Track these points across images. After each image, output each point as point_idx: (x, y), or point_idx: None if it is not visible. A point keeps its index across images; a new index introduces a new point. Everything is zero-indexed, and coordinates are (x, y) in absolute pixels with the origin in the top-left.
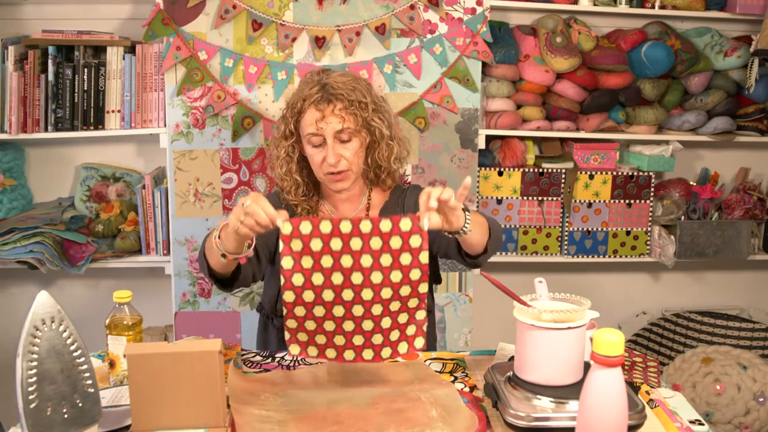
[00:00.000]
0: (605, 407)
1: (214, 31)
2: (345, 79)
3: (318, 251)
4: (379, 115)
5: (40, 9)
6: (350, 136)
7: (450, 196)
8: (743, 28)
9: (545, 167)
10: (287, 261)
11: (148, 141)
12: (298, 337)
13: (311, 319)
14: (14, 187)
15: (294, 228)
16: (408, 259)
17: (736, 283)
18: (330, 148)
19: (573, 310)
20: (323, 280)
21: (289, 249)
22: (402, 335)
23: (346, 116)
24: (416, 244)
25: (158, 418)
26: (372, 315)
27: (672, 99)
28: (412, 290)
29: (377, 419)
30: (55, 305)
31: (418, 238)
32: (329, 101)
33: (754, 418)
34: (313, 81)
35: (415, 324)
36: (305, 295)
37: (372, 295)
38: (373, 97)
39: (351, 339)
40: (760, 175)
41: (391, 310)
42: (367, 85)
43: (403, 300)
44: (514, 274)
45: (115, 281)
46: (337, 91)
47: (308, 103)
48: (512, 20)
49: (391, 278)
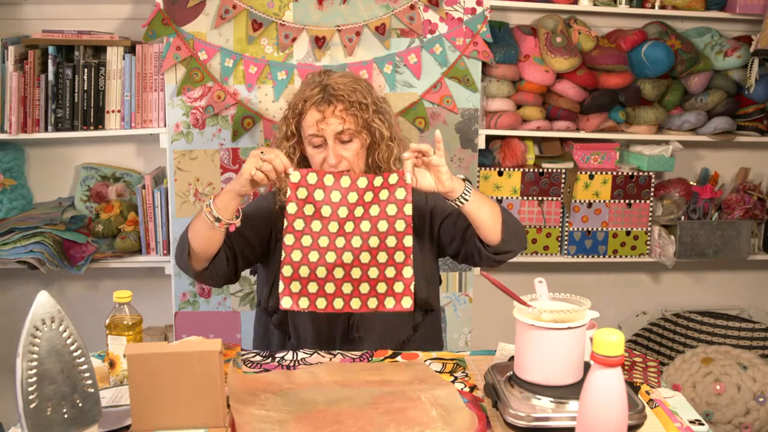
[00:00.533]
0: (605, 407)
1: (214, 31)
2: (346, 80)
3: (320, 200)
4: (380, 116)
5: (40, 9)
6: (351, 136)
7: (426, 148)
8: (743, 28)
9: (545, 167)
10: (292, 206)
11: (148, 141)
12: (291, 287)
13: (305, 265)
14: (14, 187)
15: (302, 177)
16: (393, 210)
17: (736, 283)
18: (331, 149)
19: (573, 310)
20: (321, 227)
21: (294, 196)
22: (389, 290)
23: (346, 117)
24: (401, 196)
25: (158, 418)
26: (360, 263)
27: (672, 99)
28: (397, 242)
29: (377, 419)
30: (55, 305)
31: (403, 191)
32: (330, 102)
33: (754, 418)
34: (314, 82)
35: (403, 282)
36: (303, 240)
37: (361, 242)
38: (374, 98)
39: (340, 287)
40: (760, 175)
41: (378, 261)
42: (368, 85)
43: (389, 252)
44: (514, 274)
45: (115, 281)
46: (338, 92)
47: (309, 104)
48: (512, 20)
49: (378, 227)
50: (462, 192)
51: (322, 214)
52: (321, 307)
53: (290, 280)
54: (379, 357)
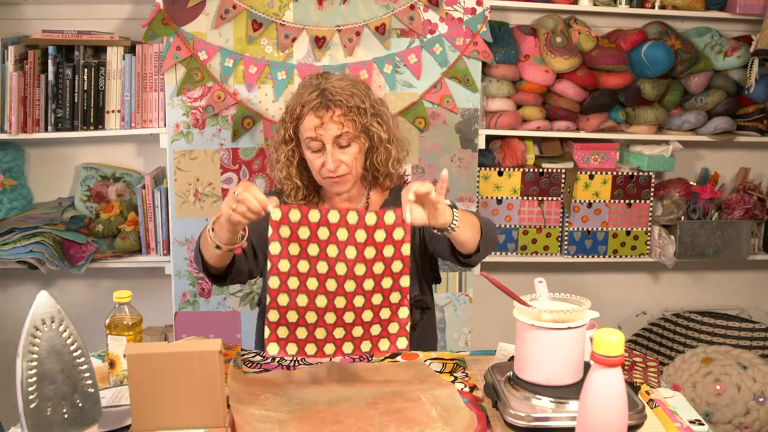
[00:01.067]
0: (605, 407)
1: (214, 31)
2: (344, 84)
3: (305, 239)
4: (378, 119)
5: (40, 9)
6: (349, 141)
7: (428, 189)
8: (743, 28)
9: (545, 167)
10: (274, 246)
11: (148, 141)
12: (278, 333)
13: (294, 309)
14: (14, 187)
15: (284, 214)
16: (390, 251)
17: (736, 283)
18: (329, 153)
19: (573, 310)
20: (308, 268)
21: (277, 235)
22: (383, 331)
23: (344, 122)
24: (399, 237)
25: (158, 418)
26: (354, 307)
27: (672, 99)
28: (393, 282)
29: (377, 419)
30: (55, 305)
31: (401, 231)
32: (328, 107)
33: (754, 418)
34: (311, 85)
35: (398, 322)
36: (290, 282)
37: (354, 286)
38: (372, 101)
39: (332, 332)
40: (760, 175)
41: (373, 303)
42: (366, 88)
43: (384, 293)
44: (514, 274)
45: (115, 281)
46: (336, 97)
47: (307, 108)
48: (512, 20)
49: (374, 270)
50: (451, 222)
51: (309, 254)
52: (311, 353)
53: (276, 325)
54: (379, 357)
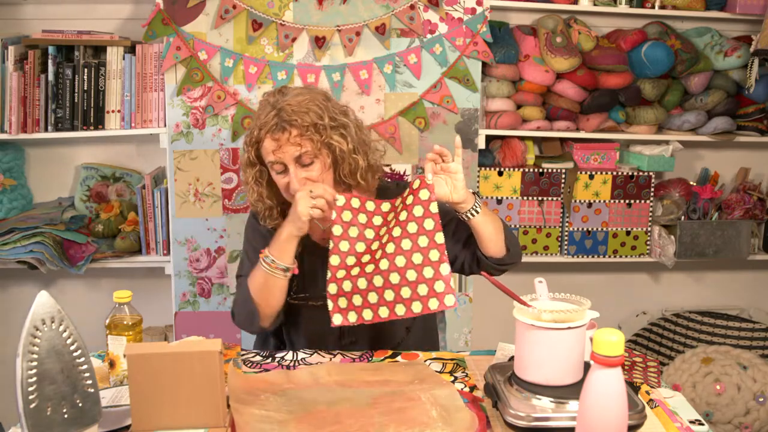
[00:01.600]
0: (605, 407)
1: (214, 31)
2: (299, 100)
3: (363, 223)
4: (339, 132)
5: (40, 9)
6: (311, 159)
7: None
8: (743, 28)
9: (545, 167)
10: (337, 228)
11: (148, 141)
12: (339, 303)
13: (348, 279)
14: (14, 187)
15: (347, 201)
16: (420, 211)
17: (736, 283)
18: (293, 174)
19: (573, 310)
20: (365, 248)
21: (339, 218)
22: (430, 291)
23: (302, 141)
24: (425, 197)
25: (158, 418)
26: (397, 266)
27: (672, 99)
28: (429, 240)
29: (377, 419)
30: (55, 305)
31: (426, 192)
32: (284, 129)
33: (754, 418)
34: (268, 105)
35: (442, 280)
36: (348, 260)
37: (394, 247)
38: (331, 114)
39: (383, 295)
40: (760, 175)
41: (414, 262)
42: (325, 99)
43: (423, 252)
44: (514, 274)
45: (115, 281)
46: (291, 117)
47: (264, 131)
48: (512, 20)
49: (408, 230)
50: (473, 205)
51: (365, 236)
52: (368, 318)
53: (336, 297)
54: (379, 357)
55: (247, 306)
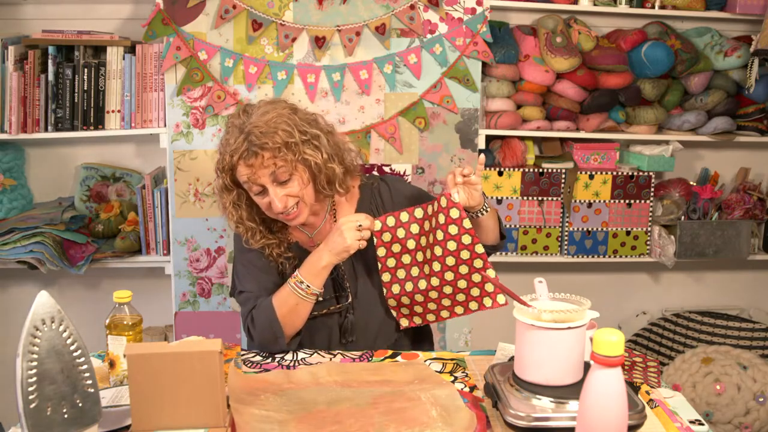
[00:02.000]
0: (605, 407)
1: (214, 31)
2: (266, 119)
3: (403, 237)
4: (311, 144)
5: (40, 9)
6: (287, 176)
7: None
8: (743, 28)
9: (545, 167)
10: (381, 250)
11: (148, 141)
12: (402, 311)
13: (404, 295)
14: (14, 187)
15: (383, 224)
16: (455, 229)
17: (736, 283)
18: (273, 195)
19: (573, 310)
20: (410, 259)
21: (381, 241)
22: (483, 291)
23: (276, 162)
24: (456, 216)
25: (158, 418)
26: (447, 281)
27: (672, 99)
28: (470, 252)
29: (377, 419)
30: (55, 305)
31: (456, 211)
32: (256, 154)
33: (754, 418)
34: (236, 128)
35: (491, 282)
36: (398, 273)
37: (440, 266)
38: (300, 128)
39: (440, 302)
40: (760, 175)
41: (461, 273)
42: (290, 113)
43: (467, 263)
44: (514, 274)
45: (115, 281)
46: (261, 140)
47: (236, 157)
48: (512, 20)
49: (448, 247)
50: (483, 205)
51: (408, 248)
52: (431, 320)
53: (398, 307)
54: (379, 357)
55: (273, 328)
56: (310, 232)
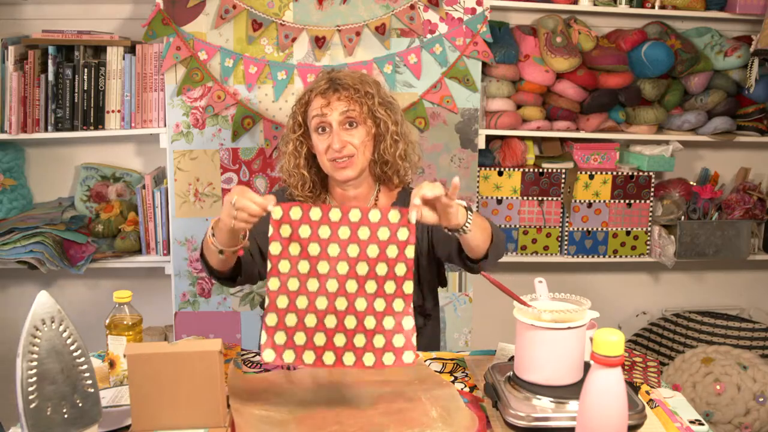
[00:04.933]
0: (605, 407)
1: (214, 31)
2: (353, 74)
3: (306, 238)
4: (386, 109)
5: (40, 9)
6: (356, 122)
7: (438, 194)
8: (743, 28)
9: (545, 167)
10: (275, 246)
11: (148, 141)
12: (276, 339)
13: (293, 312)
14: (14, 187)
15: (284, 213)
16: (394, 252)
17: (736, 283)
18: (335, 133)
19: (573, 310)
20: (309, 268)
21: (278, 234)
22: (388, 344)
23: (351, 103)
24: (403, 237)
25: (158, 418)
26: (356, 310)
27: (672, 99)
28: (396, 288)
29: (377, 419)
30: (55, 305)
31: (406, 231)
32: (336, 89)
33: (754, 418)
34: (323, 73)
35: (403, 334)
36: (290, 284)
37: (356, 287)
38: (381, 93)
39: (332, 338)
40: (760, 175)
41: (375, 309)
42: (376, 82)
43: (387, 299)
44: (514, 274)
45: (115, 281)
46: (344, 81)
47: (315, 93)
48: (512, 20)
49: (377, 271)
50: (464, 224)
51: (309, 254)
52: (308, 362)
53: (274, 330)
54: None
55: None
56: None
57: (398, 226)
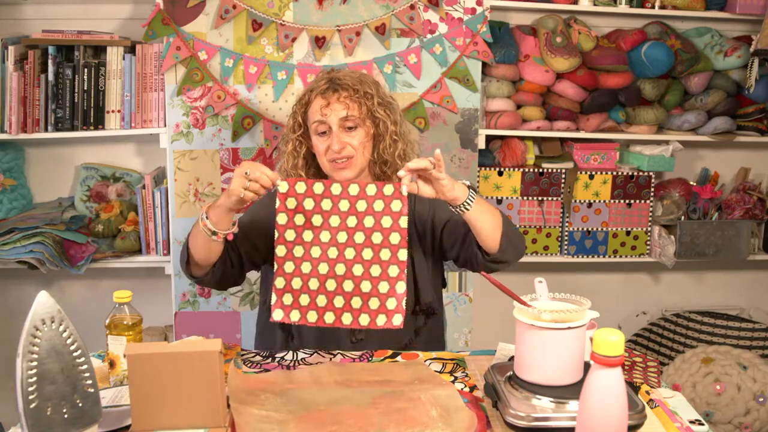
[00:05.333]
0: (605, 407)
1: (214, 31)
2: (353, 74)
3: (310, 210)
4: (385, 109)
5: (40, 9)
6: (355, 124)
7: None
8: (743, 28)
9: (545, 167)
10: (282, 217)
11: (148, 141)
12: (284, 300)
13: (298, 276)
14: (14, 187)
15: (290, 187)
16: (388, 222)
17: (736, 283)
18: (335, 135)
19: (573, 310)
20: (312, 237)
21: (284, 206)
22: (381, 306)
23: (350, 104)
24: (397, 208)
25: (158, 418)
26: (353, 275)
27: (672, 99)
28: (391, 255)
29: (377, 419)
30: (55, 305)
31: (399, 203)
32: (335, 90)
33: (754, 418)
34: (322, 75)
35: (395, 297)
36: (295, 251)
37: (354, 254)
38: (381, 93)
39: (332, 300)
40: (760, 175)
41: (371, 275)
42: (376, 82)
43: (382, 265)
44: (514, 274)
45: (115, 281)
46: (344, 81)
47: (315, 93)
48: (512, 20)
49: (372, 239)
50: (465, 200)
51: (313, 224)
52: (312, 321)
53: (282, 292)
54: (379, 357)
55: (183, 247)
56: None
57: (392, 198)
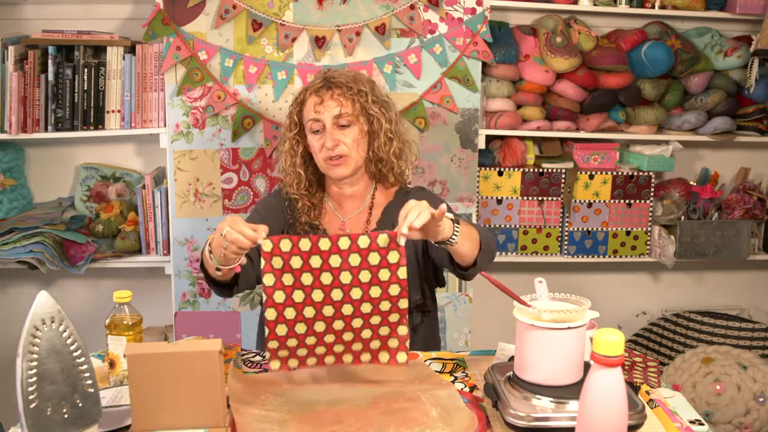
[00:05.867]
0: (605, 407)
1: (214, 31)
2: (348, 73)
3: (298, 269)
4: (380, 107)
5: (40, 9)
6: (349, 121)
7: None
8: (743, 28)
9: (545, 167)
10: (268, 278)
11: (148, 141)
12: (279, 354)
13: (293, 337)
14: (14, 187)
15: (274, 245)
16: (387, 275)
17: (736, 283)
18: (328, 132)
19: (573, 310)
20: (304, 297)
21: (270, 266)
22: (383, 345)
23: (344, 101)
24: (394, 260)
25: (158, 418)
26: (352, 328)
27: (672, 99)
28: (392, 305)
29: (377, 419)
30: (55, 305)
31: (396, 254)
32: (329, 88)
33: (754, 418)
34: (318, 75)
35: (398, 339)
36: (286, 313)
37: (352, 310)
38: (376, 91)
39: (332, 348)
40: (760, 175)
41: (371, 323)
42: (371, 81)
43: (383, 315)
44: (514, 274)
45: (115, 281)
46: (338, 80)
47: (310, 91)
48: (512, 20)
49: (371, 294)
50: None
51: (303, 283)
52: (311, 364)
53: (277, 350)
54: None
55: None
56: (343, 216)
57: (388, 249)
